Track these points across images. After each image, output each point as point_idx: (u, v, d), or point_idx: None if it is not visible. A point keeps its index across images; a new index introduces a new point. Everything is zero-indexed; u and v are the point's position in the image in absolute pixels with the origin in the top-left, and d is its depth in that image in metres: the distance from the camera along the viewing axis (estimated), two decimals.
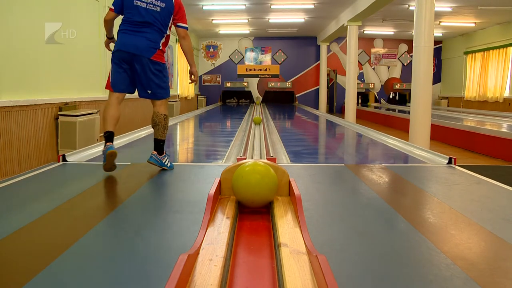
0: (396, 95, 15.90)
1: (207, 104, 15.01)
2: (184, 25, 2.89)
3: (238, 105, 14.84)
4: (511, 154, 5.79)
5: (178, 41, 2.92)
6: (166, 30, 2.84)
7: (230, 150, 4.20)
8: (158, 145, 2.85)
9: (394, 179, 2.83)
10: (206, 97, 15.13)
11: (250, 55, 15.63)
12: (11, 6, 4.06)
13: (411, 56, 10.14)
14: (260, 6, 10.14)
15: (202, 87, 15.57)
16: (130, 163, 3.11)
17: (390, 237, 1.70)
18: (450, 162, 3.22)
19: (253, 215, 1.82)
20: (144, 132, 5.43)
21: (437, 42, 14.50)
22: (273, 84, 15.68)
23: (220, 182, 1.96)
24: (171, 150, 4.56)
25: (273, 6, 10.09)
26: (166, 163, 2.89)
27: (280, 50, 15.59)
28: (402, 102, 15.40)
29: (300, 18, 11.65)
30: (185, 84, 12.09)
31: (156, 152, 2.84)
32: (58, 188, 2.58)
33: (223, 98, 15.69)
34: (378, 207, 2.09)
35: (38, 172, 2.85)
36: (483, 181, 2.67)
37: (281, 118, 10.12)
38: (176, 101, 10.54)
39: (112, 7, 2.82)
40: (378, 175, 2.84)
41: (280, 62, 15.65)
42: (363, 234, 1.69)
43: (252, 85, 15.71)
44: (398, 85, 15.80)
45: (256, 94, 15.72)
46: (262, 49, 15.60)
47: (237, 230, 1.63)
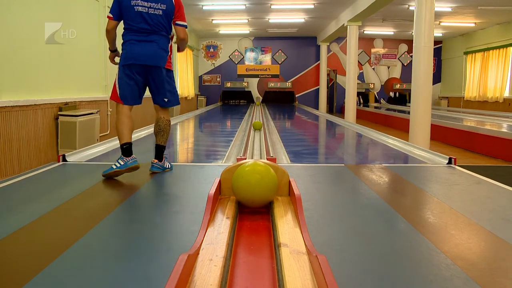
0: (395, 94, 15.89)
1: (207, 104, 15.02)
2: (183, 23, 2.80)
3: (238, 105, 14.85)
4: (511, 154, 5.79)
5: (176, 39, 2.84)
6: (170, 33, 2.80)
7: (230, 150, 4.20)
8: (161, 152, 2.83)
9: (394, 179, 2.83)
10: (206, 97, 15.14)
11: (250, 55, 15.63)
12: (11, 6, 4.06)
13: (411, 56, 10.15)
14: (260, 6, 10.14)
15: (202, 87, 15.56)
16: None
17: (390, 237, 1.70)
18: (450, 162, 3.22)
19: (253, 215, 1.82)
20: (144, 132, 5.43)
21: (437, 42, 14.50)
22: (273, 84, 15.68)
23: (220, 182, 1.96)
24: (171, 150, 4.56)
25: (273, 6, 10.09)
26: (167, 166, 2.89)
27: (280, 50, 15.59)
28: (402, 102, 15.41)
29: (300, 18, 11.64)
30: (185, 84, 12.08)
31: (157, 160, 2.82)
32: (58, 188, 2.58)
33: (223, 98, 15.70)
34: (378, 207, 2.10)
35: (38, 172, 2.85)
36: (483, 181, 2.67)
37: (281, 118, 10.12)
38: None
39: (110, 15, 2.68)
40: (378, 175, 2.84)
41: (280, 62, 15.65)
42: (363, 234, 1.69)
43: (252, 85, 15.71)
44: (398, 85, 15.81)
45: (256, 94, 15.72)
46: (262, 49, 15.60)
47: (237, 230, 1.63)
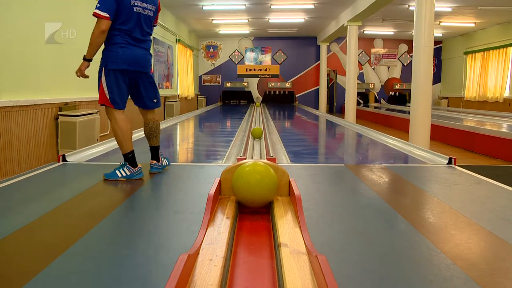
0: (395, 94, 15.88)
1: (207, 104, 15.02)
2: (155, 25, 2.79)
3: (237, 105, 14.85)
4: (511, 154, 5.79)
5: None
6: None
7: (230, 150, 4.20)
8: (157, 152, 2.84)
9: (394, 179, 2.83)
10: (206, 97, 15.14)
11: (250, 55, 15.63)
12: (11, 6, 4.06)
13: (411, 56, 10.15)
14: (260, 6, 10.14)
15: (202, 87, 15.57)
16: None
17: (390, 237, 1.70)
18: (450, 162, 3.22)
19: (253, 215, 1.82)
20: (143, 132, 5.43)
21: (437, 42, 14.51)
22: (273, 84, 15.67)
23: (220, 182, 1.96)
24: (171, 150, 4.56)
25: (273, 6, 10.09)
26: (165, 164, 2.91)
27: (280, 50, 15.59)
28: (402, 102, 15.40)
29: (300, 18, 11.64)
30: (185, 84, 12.07)
31: (154, 161, 2.82)
32: (58, 188, 2.58)
33: (223, 98, 15.70)
34: (378, 207, 2.10)
35: (38, 172, 2.85)
36: (483, 181, 2.67)
37: (281, 118, 10.12)
38: (176, 101, 10.53)
39: (105, 15, 2.38)
40: (378, 175, 2.84)
41: (280, 62, 15.65)
42: (363, 234, 1.69)
43: (252, 85, 15.71)
44: (398, 85, 15.81)
45: (256, 94, 15.71)
46: (262, 49, 15.59)
47: (237, 230, 1.63)
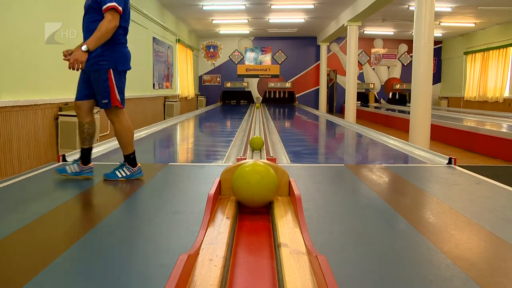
0: (395, 94, 15.89)
1: (207, 104, 15.02)
2: None
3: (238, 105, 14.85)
4: (511, 154, 5.79)
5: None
6: None
7: (230, 150, 4.20)
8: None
9: (394, 179, 2.83)
10: (206, 97, 15.14)
11: (250, 55, 15.63)
12: (11, 6, 4.06)
13: (411, 56, 10.14)
14: (260, 6, 10.14)
15: (202, 87, 15.57)
16: None
17: (390, 237, 1.70)
18: (450, 162, 3.22)
19: (253, 215, 1.82)
20: (143, 132, 5.44)
21: (437, 42, 14.51)
22: (273, 84, 15.68)
23: (220, 182, 1.96)
24: (171, 150, 4.56)
25: (273, 6, 10.09)
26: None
27: (280, 50, 15.59)
28: (402, 102, 15.40)
29: (300, 18, 11.64)
30: (185, 84, 12.07)
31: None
32: (58, 188, 2.58)
33: (223, 98, 15.70)
34: (378, 207, 2.10)
35: (38, 172, 2.85)
36: (483, 181, 2.67)
37: (281, 118, 10.12)
38: (176, 101, 10.53)
39: (119, 7, 2.37)
40: (378, 175, 2.84)
41: (280, 62, 15.65)
42: (363, 234, 1.69)
43: (252, 85, 15.71)
44: (398, 85, 15.81)
45: (256, 94, 15.72)
46: (262, 49, 15.60)
47: (237, 230, 1.63)
